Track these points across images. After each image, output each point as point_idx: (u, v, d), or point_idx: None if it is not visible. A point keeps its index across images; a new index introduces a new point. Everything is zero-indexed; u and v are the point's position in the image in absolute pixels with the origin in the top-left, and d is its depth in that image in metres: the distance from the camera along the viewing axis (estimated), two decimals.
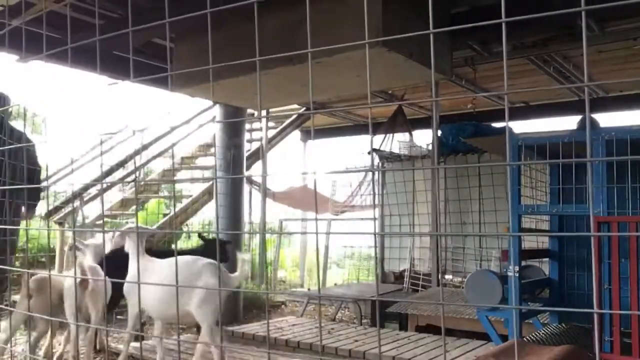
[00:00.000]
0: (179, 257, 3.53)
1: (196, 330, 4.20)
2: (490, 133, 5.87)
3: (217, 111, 6.50)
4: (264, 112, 6.31)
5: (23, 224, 4.36)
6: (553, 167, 3.37)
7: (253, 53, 1.34)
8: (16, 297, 5.08)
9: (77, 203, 5.87)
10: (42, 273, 4.88)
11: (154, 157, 7.92)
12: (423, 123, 7.21)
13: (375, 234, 1.11)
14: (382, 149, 6.73)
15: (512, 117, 7.34)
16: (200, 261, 3.40)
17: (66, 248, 4.78)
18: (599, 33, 4.50)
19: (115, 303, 4.10)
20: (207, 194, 6.70)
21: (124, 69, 4.07)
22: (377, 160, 6.73)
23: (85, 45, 1.67)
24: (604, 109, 6.98)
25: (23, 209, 4.40)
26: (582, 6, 0.86)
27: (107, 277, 2.89)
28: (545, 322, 3.51)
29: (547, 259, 3.60)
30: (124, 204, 7.63)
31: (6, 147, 3.90)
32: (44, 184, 5.27)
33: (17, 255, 4.58)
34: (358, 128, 8.78)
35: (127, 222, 7.60)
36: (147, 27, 1.38)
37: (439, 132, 5.78)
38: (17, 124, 4.85)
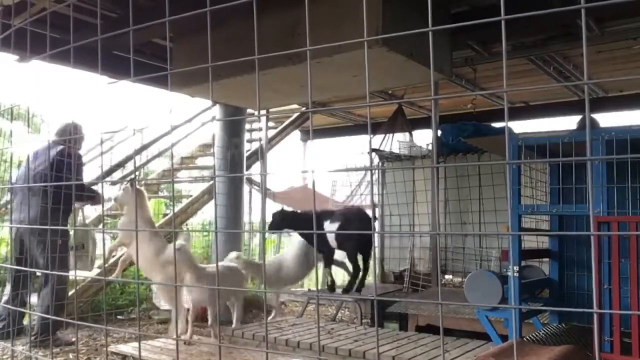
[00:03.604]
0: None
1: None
2: (490, 133, 5.86)
3: (217, 111, 6.49)
4: (264, 112, 6.30)
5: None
6: (553, 167, 3.37)
7: (252, 53, 1.34)
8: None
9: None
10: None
11: (154, 157, 7.91)
12: (423, 123, 7.21)
13: (373, 234, 1.10)
14: (382, 148, 6.72)
15: (512, 117, 7.33)
16: None
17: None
18: (598, 33, 4.50)
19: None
20: (207, 194, 6.69)
21: (123, 68, 4.06)
22: (377, 160, 6.72)
23: (84, 45, 1.67)
24: (604, 109, 6.97)
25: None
26: (581, 4, 0.86)
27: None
28: (545, 322, 3.51)
29: (547, 259, 3.59)
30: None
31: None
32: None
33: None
34: (358, 128, 8.77)
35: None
36: (146, 27, 1.38)
37: (439, 132, 5.77)
38: (16, 125, 4.93)
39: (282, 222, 5.30)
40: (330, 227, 5.05)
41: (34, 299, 5.09)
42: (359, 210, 5.33)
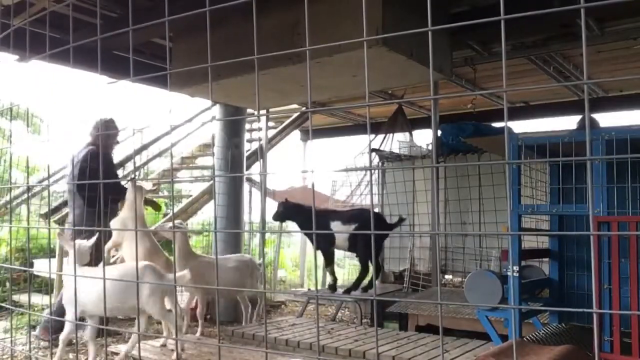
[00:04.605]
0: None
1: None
2: (490, 133, 5.86)
3: (217, 111, 6.50)
4: (263, 112, 6.30)
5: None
6: (553, 167, 3.37)
7: (252, 53, 1.34)
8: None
9: None
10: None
11: (154, 157, 7.91)
12: (423, 123, 7.21)
13: (373, 233, 1.10)
14: (382, 148, 6.72)
15: (512, 117, 7.34)
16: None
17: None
18: (598, 33, 4.50)
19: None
20: (207, 194, 6.69)
21: (122, 68, 4.06)
22: (377, 160, 6.72)
23: (84, 45, 1.66)
24: (604, 109, 6.97)
25: None
26: (581, 4, 0.86)
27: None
28: (545, 322, 3.51)
29: (547, 259, 3.59)
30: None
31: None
32: (45, 183, 5.30)
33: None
34: (358, 128, 8.78)
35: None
36: (146, 26, 1.38)
37: (439, 132, 5.77)
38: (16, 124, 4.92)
39: (285, 212, 5.31)
40: (343, 228, 5.04)
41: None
42: (377, 215, 5.31)
